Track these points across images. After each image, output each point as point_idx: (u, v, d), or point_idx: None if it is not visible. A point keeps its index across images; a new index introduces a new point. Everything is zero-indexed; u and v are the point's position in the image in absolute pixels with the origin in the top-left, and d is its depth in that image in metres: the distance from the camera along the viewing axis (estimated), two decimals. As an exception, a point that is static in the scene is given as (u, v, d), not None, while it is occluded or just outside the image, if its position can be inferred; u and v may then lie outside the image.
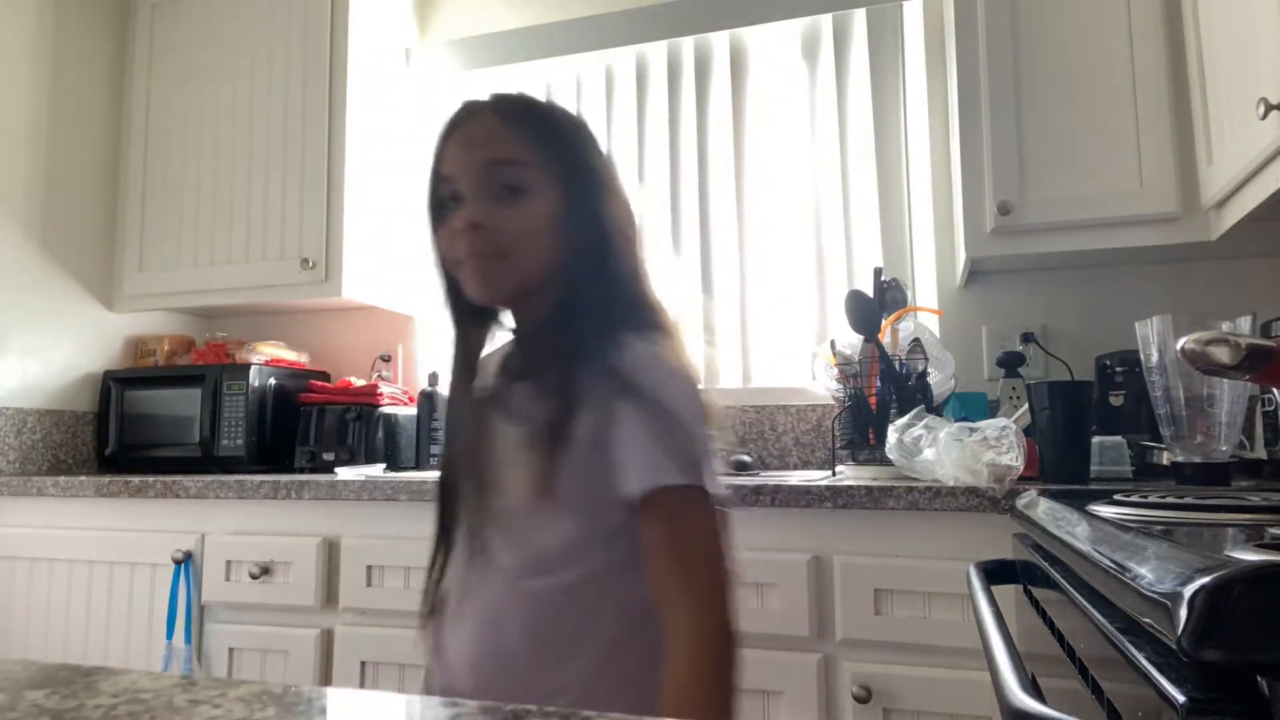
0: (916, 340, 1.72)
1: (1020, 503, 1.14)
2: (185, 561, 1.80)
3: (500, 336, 0.98)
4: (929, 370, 1.70)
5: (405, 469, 2.20)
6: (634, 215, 0.93)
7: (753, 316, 2.23)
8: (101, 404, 2.34)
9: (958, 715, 1.33)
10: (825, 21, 2.23)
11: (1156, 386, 1.40)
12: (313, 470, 2.16)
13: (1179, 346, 0.75)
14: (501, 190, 0.87)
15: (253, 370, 2.20)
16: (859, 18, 2.21)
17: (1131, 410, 1.73)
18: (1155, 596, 0.45)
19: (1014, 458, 1.35)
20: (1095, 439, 1.54)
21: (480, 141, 0.88)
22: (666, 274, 0.94)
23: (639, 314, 0.89)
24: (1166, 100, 1.63)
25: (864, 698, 1.36)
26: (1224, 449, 1.36)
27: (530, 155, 0.89)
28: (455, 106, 0.92)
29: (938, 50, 2.12)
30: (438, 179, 0.90)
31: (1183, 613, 0.40)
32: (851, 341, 1.77)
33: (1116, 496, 0.84)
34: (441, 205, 0.90)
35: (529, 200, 0.87)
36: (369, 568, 1.69)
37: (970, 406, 1.75)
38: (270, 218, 2.28)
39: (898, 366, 1.70)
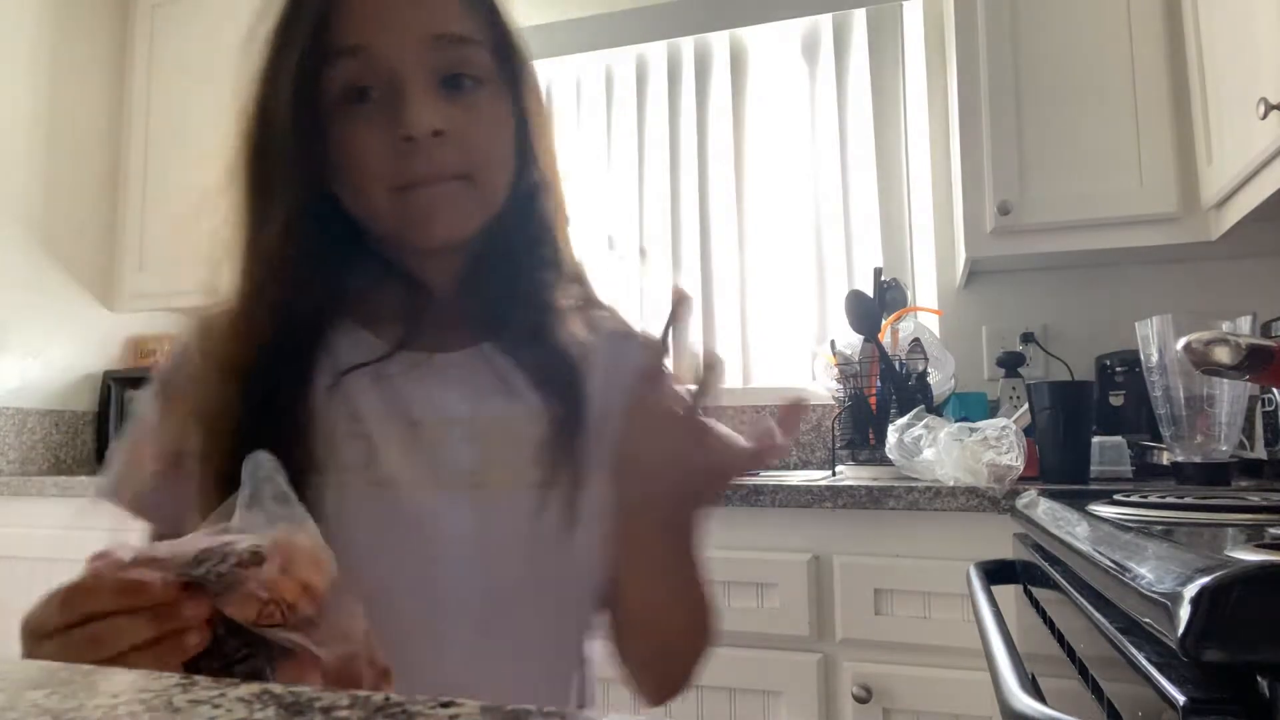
0: (916, 340, 1.72)
1: (1020, 503, 1.14)
2: (185, 561, 1.79)
3: None
4: (929, 370, 1.70)
5: (405, 469, 2.20)
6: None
7: (753, 316, 2.22)
8: (101, 404, 2.33)
9: (958, 715, 1.33)
10: (825, 21, 2.23)
11: (1156, 386, 1.40)
12: (313, 470, 2.15)
13: (1179, 346, 0.75)
14: (451, 82, 0.61)
15: (253, 370, 2.20)
16: (859, 18, 2.21)
17: (1131, 410, 1.73)
18: (1155, 596, 0.45)
19: (1014, 458, 1.35)
20: (1095, 439, 1.54)
21: (421, 3, 0.60)
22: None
23: (567, 272, 0.70)
24: (1166, 100, 1.63)
25: (864, 698, 1.36)
26: (1224, 449, 1.36)
27: (484, 33, 0.62)
28: None
29: (938, 50, 2.12)
30: (341, 51, 0.60)
31: (1183, 613, 0.40)
32: (851, 341, 1.77)
33: (1116, 496, 0.84)
34: (349, 93, 0.60)
35: (485, 101, 0.62)
36: (369, 568, 1.68)
37: (970, 406, 1.75)
38: (270, 218, 2.28)
39: (898, 366, 1.70)
